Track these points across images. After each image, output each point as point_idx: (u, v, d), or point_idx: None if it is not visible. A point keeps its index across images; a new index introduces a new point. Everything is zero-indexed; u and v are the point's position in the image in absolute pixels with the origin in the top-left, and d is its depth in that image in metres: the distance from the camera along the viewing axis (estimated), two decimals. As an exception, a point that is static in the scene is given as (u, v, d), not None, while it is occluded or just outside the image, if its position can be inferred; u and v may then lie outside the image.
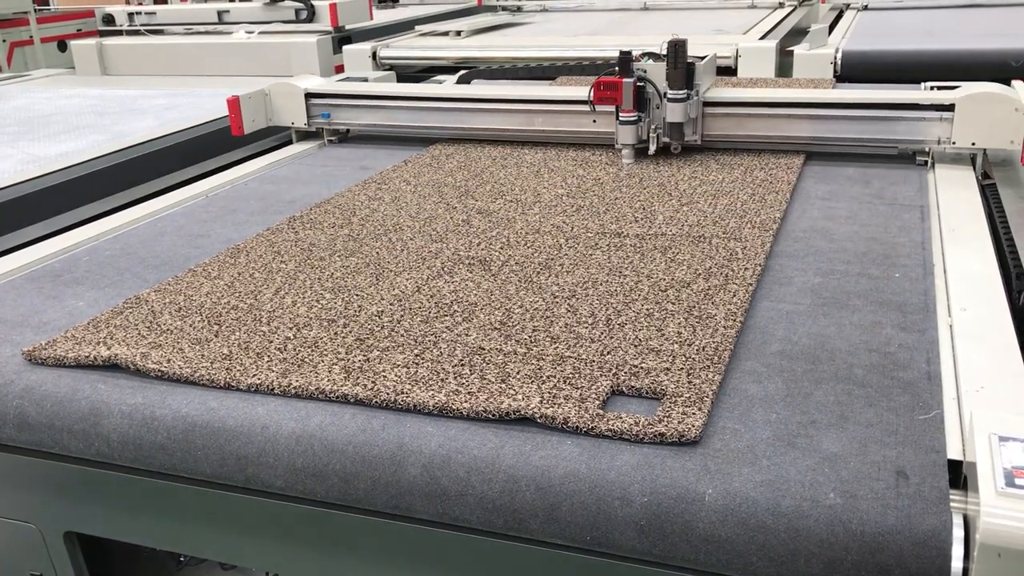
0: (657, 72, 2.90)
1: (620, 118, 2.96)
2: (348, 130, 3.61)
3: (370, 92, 3.52)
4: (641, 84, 2.91)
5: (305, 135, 3.61)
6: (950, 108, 2.75)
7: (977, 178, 2.72)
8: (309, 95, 3.48)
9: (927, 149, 2.86)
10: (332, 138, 3.58)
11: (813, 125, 2.95)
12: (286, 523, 1.60)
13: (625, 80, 2.89)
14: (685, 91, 2.88)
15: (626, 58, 2.90)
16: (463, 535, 1.46)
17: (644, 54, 2.98)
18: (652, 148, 2.97)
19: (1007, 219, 2.40)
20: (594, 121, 3.16)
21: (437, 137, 3.45)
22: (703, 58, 3.00)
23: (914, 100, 2.84)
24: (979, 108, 2.71)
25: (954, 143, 2.77)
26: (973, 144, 2.75)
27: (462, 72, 4.18)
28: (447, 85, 3.88)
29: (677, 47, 2.84)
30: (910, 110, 2.82)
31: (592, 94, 2.95)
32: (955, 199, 2.51)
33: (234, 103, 3.34)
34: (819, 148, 3.00)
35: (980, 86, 2.76)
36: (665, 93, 2.90)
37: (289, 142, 3.61)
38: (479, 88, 3.65)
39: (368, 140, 3.58)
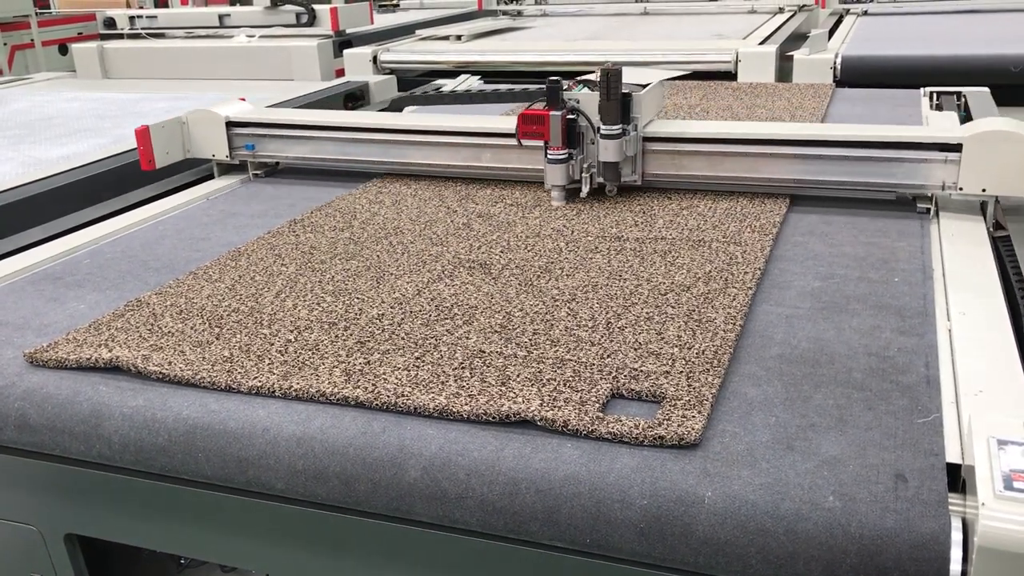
0: (591, 103, 2.51)
1: (548, 156, 2.56)
2: (278, 163, 3.21)
3: (299, 121, 3.09)
4: (572, 117, 2.52)
5: (229, 168, 3.19)
6: (956, 148, 2.33)
7: (988, 230, 2.32)
8: (231, 124, 3.08)
9: (929, 195, 2.44)
10: (258, 172, 3.15)
11: (790, 165, 2.53)
12: (287, 525, 1.61)
13: (552, 113, 2.49)
14: (620, 126, 2.50)
15: (555, 87, 2.51)
16: (463, 537, 1.46)
17: (579, 81, 2.61)
18: (585, 190, 2.58)
19: (1023, 277, 2.08)
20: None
21: (376, 172, 3.04)
22: (645, 86, 2.60)
23: (914, 138, 2.42)
24: (990, 148, 2.29)
25: (961, 189, 2.35)
26: (983, 191, 2.33)
27: (393, 98, 3.74)
28: (387, 115, 3.40)
29: (609, 76, 2.44)
30: (909, 149, 2.40)
31: (517, 128, 2.54)
32: (962, 255, 2.14)
33: (143, 134, 2.91)
34: (800, 191, 2.59)
35: (992, 123, 2.35)
36: (599, 128, 2.52)
37: (212, 176, 3.21)
38: (422, 119, 3.17)
39: (299, 174, 3.16)
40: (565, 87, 2.54)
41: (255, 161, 3.14)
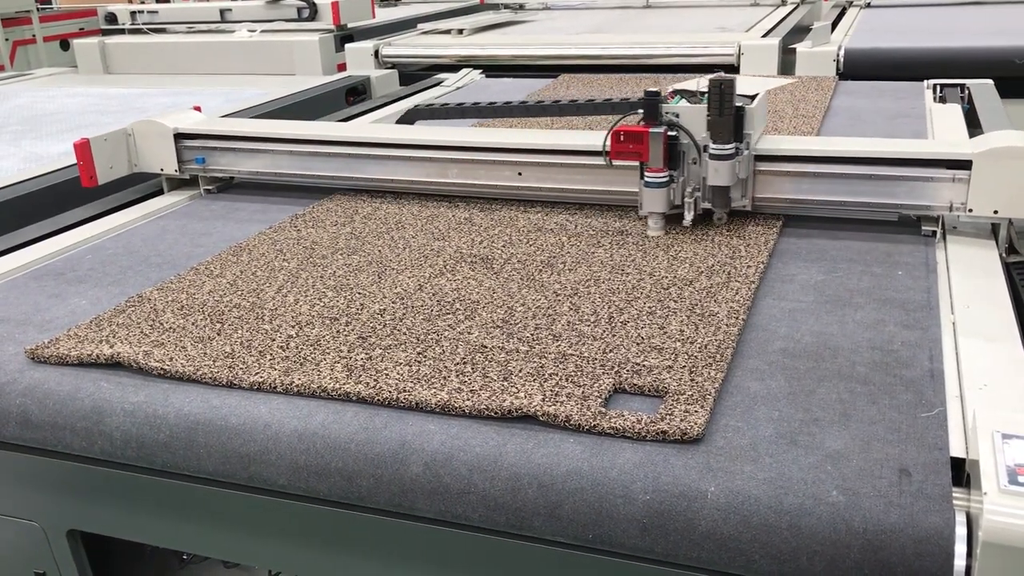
0: (692, 118, 2.21)
1: (646, 179, 2.24)
2: (232, 178, 2.98)
3: (252, 132, 2.87)
4: (673, 134, 2.22)
5: (180, 183, 2.97)
6: (966, 165, 2.13)
7: (1000, 255, 2.12)
8: (180, 136, 2.85)
9: (936, 216, 2.22)
10: (210, 187, 2.93)
11: (791, 184, 2.30)
12: (288, 521, 1.60)
13: (653, 130, 2.19)
14: (733, 145, 2.19)
15: (653, 100, 2.21)
16: (465, 533, 1.46)
17: (675, 92, 2.31)
18: (688, 218, 2.26)
19: None
20: (519, 174, 2.47)
21: (337, 187, 2.82)
22: (753, 98, 2.26)
23: (919, 154, 2.21)
24: (1003, 166, 2.09)
25: (971, 210, 2.14)
26: (995, 212, 2.12)
27: (406, 111, 3.36)
28: (347, 125, 3.19)
29: (723, 87, 2.14)
30: (914, 167, 2.20)
31: (608, 145, 2.25)
32: (971, 284, 1.96)
33: (83, 147, 2.69)
34: (798, 211, 2.35)
35: (1004, 138, 2.13)
36: (705, 147, 2.21)
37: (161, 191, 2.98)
38: (386, 131, 2.93)
39: (254, 189, 2.93)
40: (664, 97, 2.25)
41: (206, 176, 2.92)
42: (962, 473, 1.32)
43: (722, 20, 5.85)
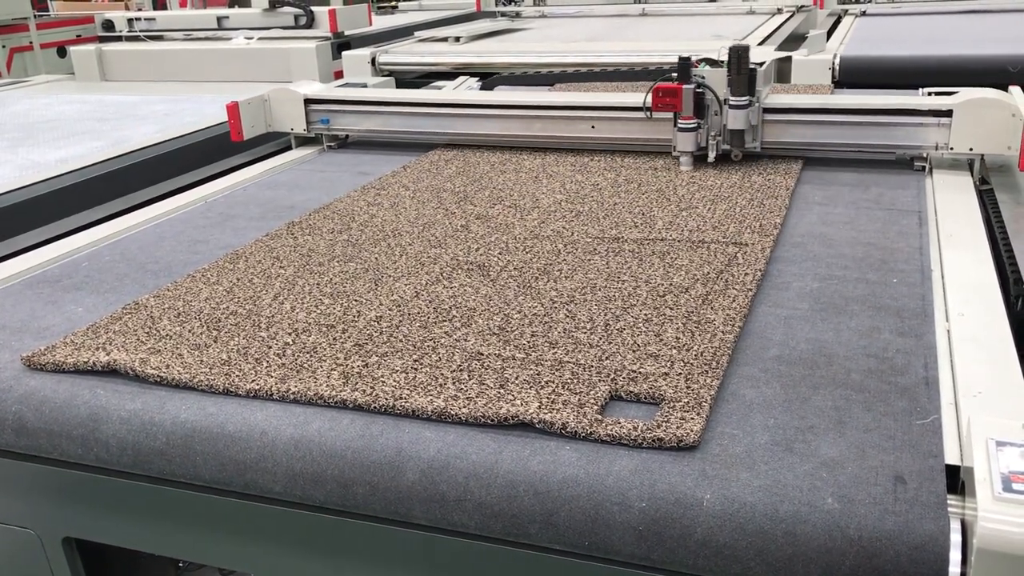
0: (716, 78, 2.88)
1: (679, 125, 2.94)
2: (347, 136, 3.67)
3: (369, 98, 3.58)
4: (700, 91, 2.88)
5: (304, 141, 3.66)
6: (948, 114, 2.78)
7: (975, 183, 2.74)
8: (308, 101, 3.54)
9: (925, 155, 2.88)
10: (331, 143, 3.63)
11: (811, 130, 2.97)
12: (285, 528, 1.60)
13: (685, 86, 2.87)
14: (747, 98, 2.86)
15: (685, 64, 2.88)
16: (462, 540, 1.46)
17: (701, 60, 2.96)
18: (712, 155, 2.95)
19: (1005, 225, 2.41)
20: (592, 127, 3.25)
21: (438, 143, 3.51)
22: (761, 64, 2.94)
23: (912, 106, 2.85)
24: (977, 114, 2.74)
25: (952, 149, 2.80)
26: (971, 150, 2.78)
27: (489, 79, 4.16)
28: (447, 91, 3.93)
29: (740, 53, 2.81)
30: (908, 115, 2.84)
31: (651, 100, 2.93)
32: (953, 204, 2.52)
33: (234, 109, 3.38)
34: (817, 153, 3.03)
35: (978, 92, 2.78)
36: (726, 100, 2.88)
37: (288, 148, 3.66)
38: (480, 93, 3.69)
39: (367, 145, 3.64)
40: (692, 63, 2.92)
41: (328, 134, 3.60)
42: (957, 480, 1.33)
43: (718, 28, 5.87)
